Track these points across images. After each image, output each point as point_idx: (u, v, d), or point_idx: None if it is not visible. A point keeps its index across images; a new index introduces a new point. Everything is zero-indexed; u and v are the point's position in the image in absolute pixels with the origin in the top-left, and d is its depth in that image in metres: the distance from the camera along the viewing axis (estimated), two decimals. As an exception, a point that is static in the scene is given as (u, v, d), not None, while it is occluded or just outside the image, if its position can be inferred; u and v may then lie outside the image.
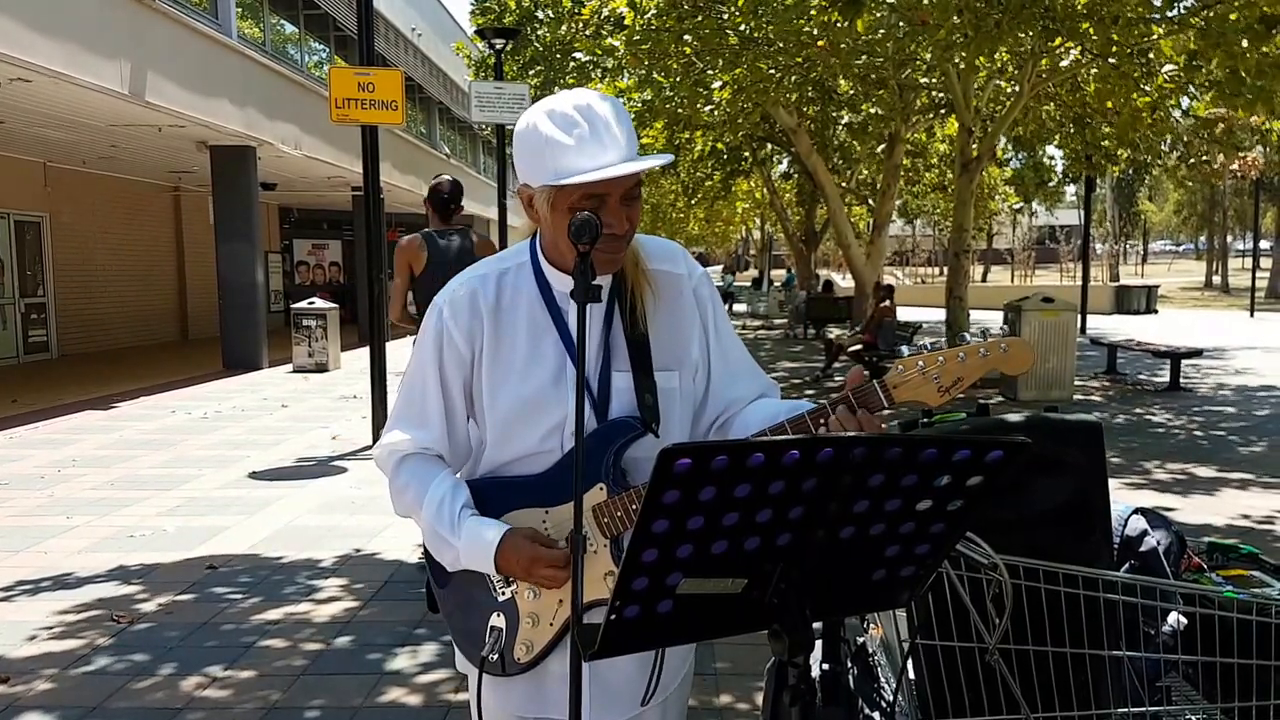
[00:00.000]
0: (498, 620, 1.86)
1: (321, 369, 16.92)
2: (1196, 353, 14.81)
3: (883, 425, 1.76)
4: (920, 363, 1.73)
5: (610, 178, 1.67)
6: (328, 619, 5.05)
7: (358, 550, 6.25)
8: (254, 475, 8.49)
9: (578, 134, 1.70)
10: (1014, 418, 2.58)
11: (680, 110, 15.75)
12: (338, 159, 20.09)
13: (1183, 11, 11.17)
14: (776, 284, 42.03)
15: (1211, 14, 10.64)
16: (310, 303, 17.54)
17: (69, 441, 10.15)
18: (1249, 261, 52.35)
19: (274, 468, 8.81)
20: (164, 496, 7.72)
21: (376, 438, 9.72)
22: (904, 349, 1.75)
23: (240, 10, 18.56)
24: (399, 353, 13.83)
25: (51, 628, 4.94)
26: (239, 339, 17.05)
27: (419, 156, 27.67)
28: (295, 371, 16.80)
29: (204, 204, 19.66)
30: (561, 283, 1.86)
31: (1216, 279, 59.22)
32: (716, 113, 15.75)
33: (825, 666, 1.52)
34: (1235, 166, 17.57)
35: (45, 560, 6.07)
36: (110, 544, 6.42)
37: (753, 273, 57.36)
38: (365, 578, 5.70)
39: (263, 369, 17.04)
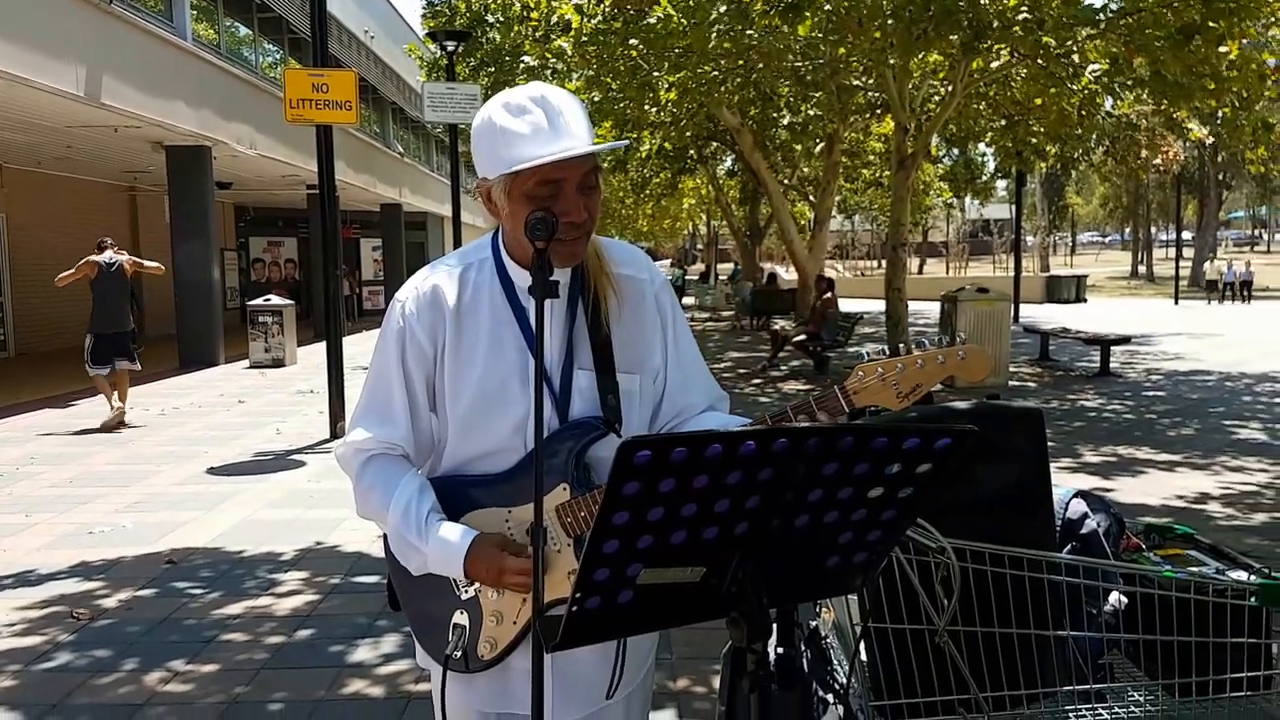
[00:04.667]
0: (461, 618, 1.82)
1: (278, 364, 16.74)
2: (1125, 339, 15.08)
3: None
4: (880, 369, 1.73)
5: (562, 159, 1.64)
6: (289, 612, 4.97)
7: (317, 543, 6.17)
8: (212, 471, 8.36)
9: (531, 121, 1.67)
10: (961, 405, 2.59)
11: (628, 111, 15.71)
12: (293, 158, 19.88)
13: (1109, 15, 11.33)
14: (723, 277, 42.19)
15: (1134, 21, 10.82)
16: (266, 299, 17.37)
17: (27, 439, 9.92)
18: (1173, 251, 53.59)
19: (232, 463, 8.68)
20: (122, 493, 7.56)
21: (334, 431, 9.67)
22: (864, 353, 1.74)
23: (195, 13, 18.30)
24: (355, 348, 13.70)
25: (13, 624, 4.82)
26: (195, 336, 16.87)
27: (373, 155, 27.43)
28: (252, 367, 16.60)
29: (160, 203, 19.35)
30: (523, 278, 1.82)
31: (1142, 269, 60.51)
32: (663, 114, 15.75)
33: (780, 651, 1.50)
34: (1158, 161, 17.89)
35: (4, 558, 5.92)
36: (70, 541, 6.27)
37: (700, 267, 57.52)
38: (325, 570, 5.62)
39: (219, 365, 16.84)
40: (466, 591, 1.82)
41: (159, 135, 15.90)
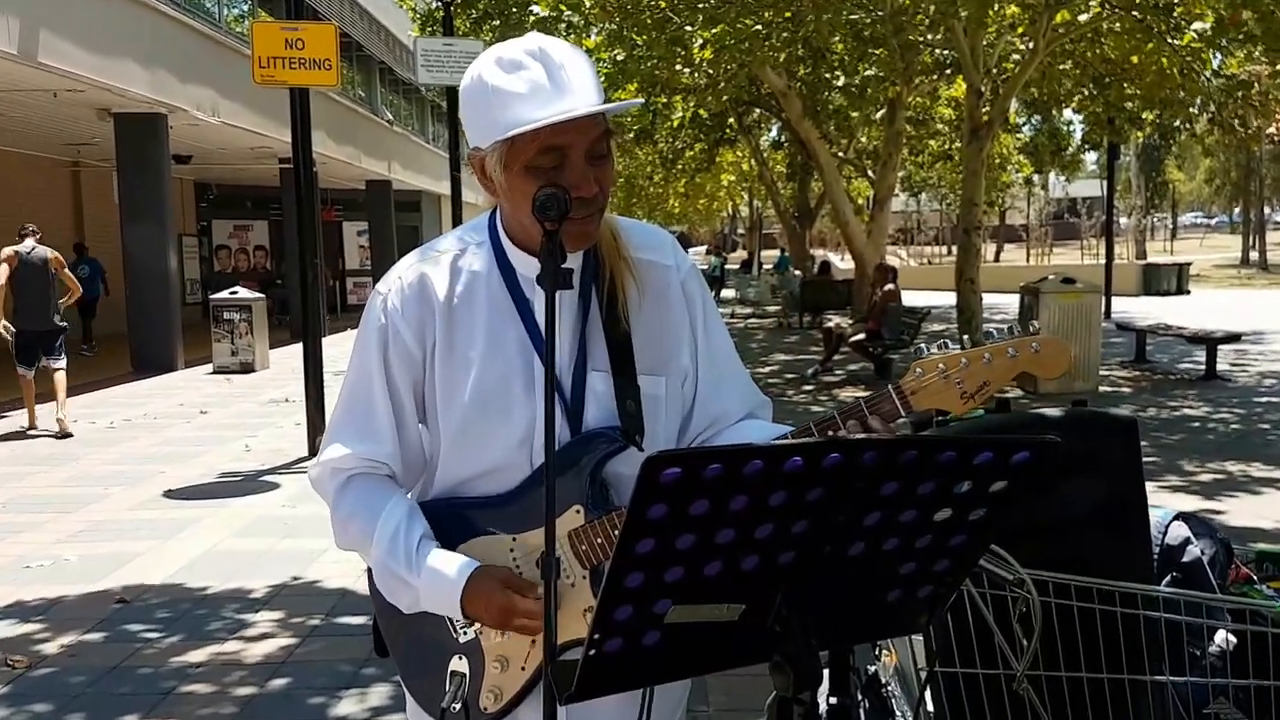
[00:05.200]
0: (459, 664, 1.82)
1: (247, 369, 16.80)
2: (1235, 337, 14.95)
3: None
4: (941, 366, 1.71)
5: (566, 120, 1.63)
6: (260, 659, 4.99)
7: (294, 578, 6.20)
8: (170, 494, 8.40)
9: (528, 77, 1.66)
10: (1051, 413, 2.59)
11: (657, 72, 15.75)
12: (263, 127, 19.92)
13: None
14: (768, 267, 42.08)
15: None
16: (232, 293, 17.40)
17: (-44, 457, 10.02)
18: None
19: (193, 484, 8.72)
20: (65, 520, 7.62)
21: (312, 447, 9.71)
22: (923, 348, 1.73)
23: (147, -41, 18.37)
24: (337, 349, 13.76)
25: (-62, 672, 4.87)
26: (150, 336, 16.90)
27: (357, 124, 27.49)
28: (216, 373, 16.66)
29: (108, 180, 19.47)
30: (526, 265, 1.82)
31: (1254, 255, 59.91)
32: (697, 75, 15.74)
33: (833, 701, 1.51)
34: (1272, 130, 17.76)
35: (-71, 595, 5.98)
36: (3, 576, 6.33)
37: (741, 254, 57.48)
38: (303, 610, 5.65)
39: (178, 370, 16.90)
40: (465, 633, 1.82)
41: (106, 101, 15.93)
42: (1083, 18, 13.41)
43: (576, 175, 1.68)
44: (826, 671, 1.46)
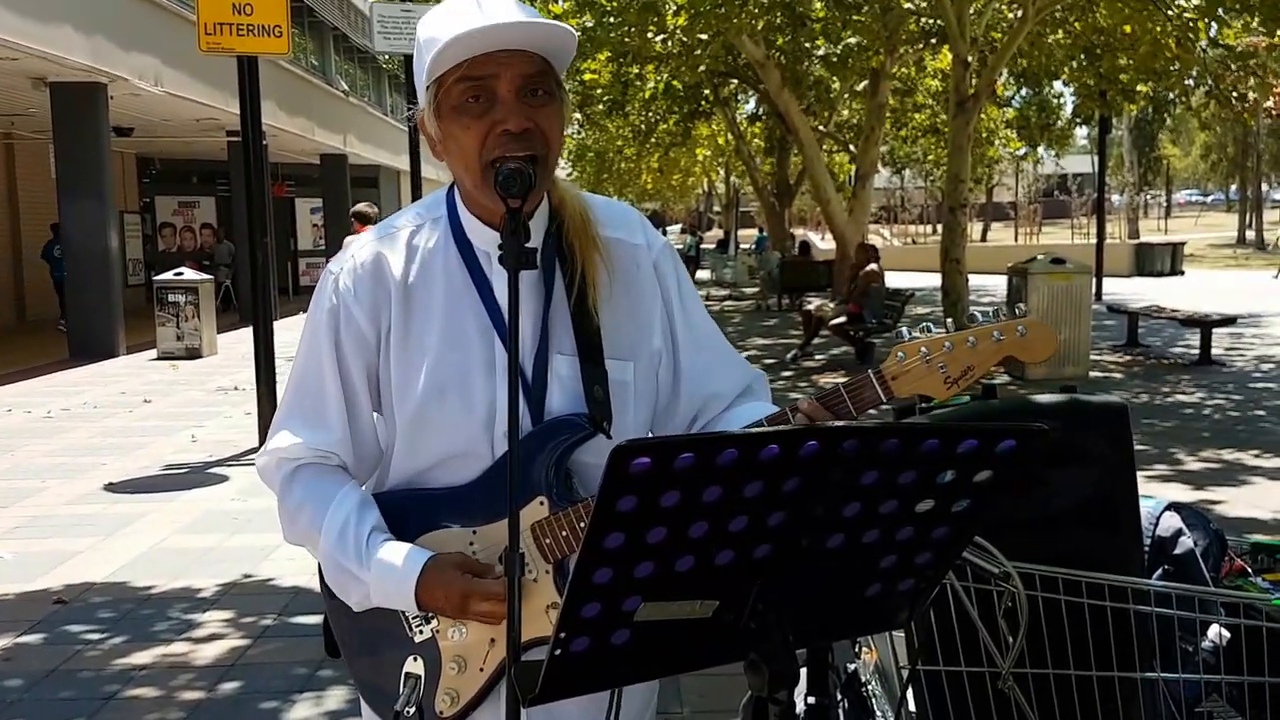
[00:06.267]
0: (414, 666, 1.81)
1: (193, 355, 16.72)
2: (1230, 320, 15.09)
3: None
4: (924, 349, 1.72)
5: (471, 33, 1.61)
6: (210, 661, 4.98)
7: (245, 576, 6.17)
8: (111, 487, 8.35)
9: (457, 15, 1.65)
10: (1040, 399, 2.61)
11: (628, 40, 15.70)
12: (209, 97, 19.78)
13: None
14: (745, 246, 42.10)
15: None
16: (177, 274, 17.28)
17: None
18: (1288, 214, 53.47)
19: (136, 477, 8.67)
20: None
21: (265, 437, 9.60)
22: (904, 331, 1.74)
23: (84, -82, 18.17)
24: (290, 334, 13.66)
25: None
26: (88, 320, 16.79)
27: (310, 94, 27.30)
28: (160, 358, 16.57)
29: (44, 154, 19.26)
30: (484, 239, 1.81)
31: (1250, 234, 60.43)
32: (671, 43, 15.70)
33: (811, 700, 1.51)
34: (1270, 103, 17.88)
35: None
36: (-64, 573, 6.29)
37: (717, 233, 57.51)
38: (254, 609, 5.63)
39: (119, 356, 16.79)
40: (421, 631, 1.81)
41: (41, 69, 15.79)
42: (1074, -16, 13.49)
43: (506, 110, 1.67)
44: (804, 670, 1.47)
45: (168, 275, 17.33)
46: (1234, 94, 18.31)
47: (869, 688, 2.68)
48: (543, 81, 1.70)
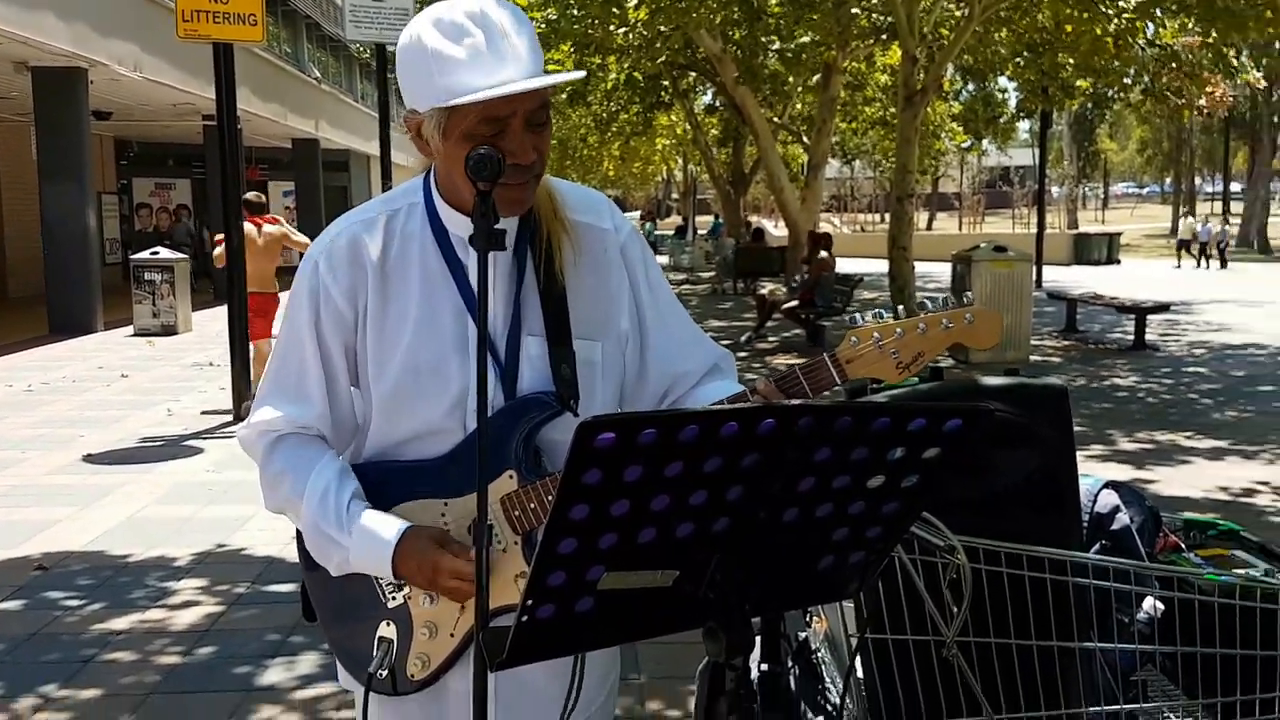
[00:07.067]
0: (387, 630, 1.82)
1: (169, 331, 16.63)
2: (1164, 307, 15.27)
3: None
4: (876, 335, 1.74)
5: (510, 94, 1.63)
6: (185, 627, 4.94)
7: (219, 545, 6.14)
8: (89, 458, 8.28)
9: (470, 44, 1.65)
10: (986, 382, 2.62)
11: (590, 32, 15.63)
12: (186, 83, 19.62)
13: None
14: (702, 232, 42.17)
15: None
16: (154, 253, 17.19)
17: None
18: (1219, 206, 54.14)
19: (114, 449, 8.60)
20: (-18, 485, 7.49)
21: (239, 412, 9.60)
22: (858, 317, 1.75)
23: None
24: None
25: None
26: (68, 297, 16.67)
27: (284, 81, 27.07)
28: (137, 335, 16.46)
29: (25, 136, 19.00)
30: (460, 226, 1.81)
31: (1181, 224, 61.14)
32: (632, 35, 15.65)
33: (764, 667, 1.52)
34: (1203, 102, 18.07)
35: None
36: (-83, 542, 6.21)
37: (676, 220, 57.49)
38: (229, 577, 5.60)
39: (97, 332, 16.66)
40: (394, 598, 1.82)
41: (23, 54, 15.62)
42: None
43: (515, 142, 1.69)
44: (758, 638, 1.48)
45: (144, 254, 17.22)
46: (1169, 91, 18.49)
47: (819, 655, 2.70)
48: (544, 110, 1.73)
